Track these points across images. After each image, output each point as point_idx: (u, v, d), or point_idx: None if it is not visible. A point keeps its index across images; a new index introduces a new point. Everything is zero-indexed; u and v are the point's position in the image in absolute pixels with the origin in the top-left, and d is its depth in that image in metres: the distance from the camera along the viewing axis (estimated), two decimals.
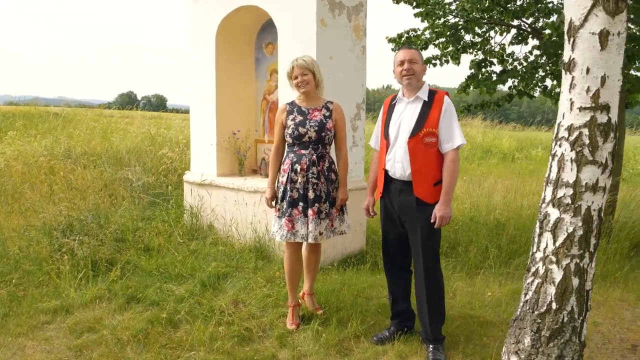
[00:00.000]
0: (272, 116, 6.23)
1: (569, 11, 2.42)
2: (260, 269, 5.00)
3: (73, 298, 4.16)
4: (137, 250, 5.17)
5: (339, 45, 5.28)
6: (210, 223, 5.98)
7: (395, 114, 3.59)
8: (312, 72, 3.83)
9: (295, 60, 3.83)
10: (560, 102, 2.52)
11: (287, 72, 3.86)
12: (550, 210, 2.50)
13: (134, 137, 9.31)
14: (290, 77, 3.86)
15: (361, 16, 5.52)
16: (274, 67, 6.17)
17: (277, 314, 4.09)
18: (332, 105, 3.95)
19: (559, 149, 2.48)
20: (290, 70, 3.83)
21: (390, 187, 3.61)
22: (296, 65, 3.80)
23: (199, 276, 4.66)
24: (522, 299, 2.66)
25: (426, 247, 3.49)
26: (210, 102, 5.99)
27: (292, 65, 3.82)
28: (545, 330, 2.48)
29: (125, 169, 7.93)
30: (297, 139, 3.82)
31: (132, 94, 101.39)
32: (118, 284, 4.42)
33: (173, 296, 4.26)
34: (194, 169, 6.33)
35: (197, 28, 6.03)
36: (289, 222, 3.82)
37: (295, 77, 3.81)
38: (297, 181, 3.82)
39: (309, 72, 3.81)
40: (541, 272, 2.53)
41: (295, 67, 3.80)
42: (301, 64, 3.79)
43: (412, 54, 3.50)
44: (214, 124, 6.00)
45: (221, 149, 6.06)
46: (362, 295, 4.51)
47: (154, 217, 6.25)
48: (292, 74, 3.83)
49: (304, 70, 3.79)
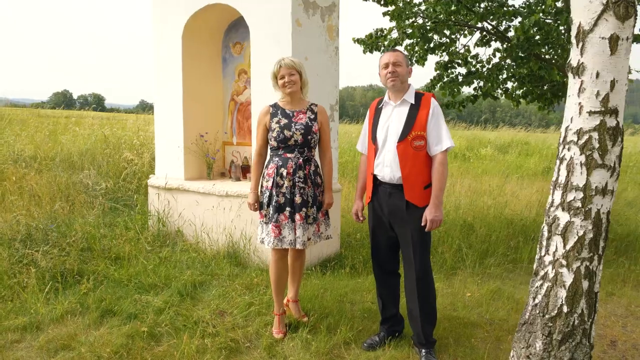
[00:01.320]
0: (240, 118, 6.07)
1: (577, 15, 2.43)
2: (236, 276, 4.85)
3: (42, 314, 3.86)
4: (104, 259, 4.89)
5: (314, 45, 5.19)
6: (178, 229, 5.75)
7: (383, 117, 3.54)
8: (299, 73, 3.73)
9: (282, 59, 3.71)
10: (568, 106, 2.54)
11: (272, 72, 3.73)
12: (560, 213, 2.51)
13: (86, 139, 8.85)
14: (275, 77, 3.73)
15: (334, 16, 5.46)
16: (242, 67, 6.01)
17: (261, 322, 3.96)
18: (316, 108, 3.86)
19: (568, 153, 2.50)
20: (277, 70, 3.70)
21: (379, 191, 3.56)
22: (284, 64, 3.68)
23: (174, 285, 4.46)
24: (529, 302, 2.66)
25: (417, 250, 3.46)
26: (177, 103, 5.76)
27: (280, 64, 3.69)
28: (557, 333, 2.49)
29: (79, 173, 7.54)
30: (282, 142, 3.71)
31: (68, 92, 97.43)
32: (90, 296, 4.16)
33: (150, 308, 4.04)
34: (159, 173, 6.07)
35: (162, 26, 5.78)
36: (275, 228, 3.70)
37: (282, 77, 3.69)
38: (284, 185, 3.71)
39: (296, 73, 3.71)
40: (551, 275, 2.54)
41: (283, 67, 3.68)
42: (289, 64, 3.68)
43: (397, 56, 3.46)
44: (181, 126, 5.78)
45: (189, 152, 5.85)
46: (345, 300, 4.44)
47: (116, 224, 5.96)
48: (278, 73, 3.70)
49: (291, 70, 3.69)
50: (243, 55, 5.98)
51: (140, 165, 7.33)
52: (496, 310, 4.40)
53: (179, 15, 5.61)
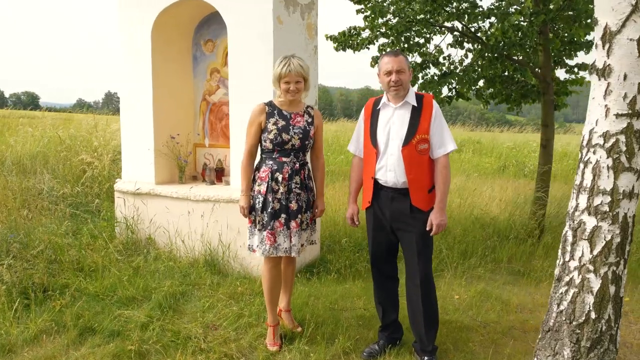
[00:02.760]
0: (213, 118, 5.82)
1: (603, 16, 2.39)
2: (218, 285, 4.62)
3: (14, 335, 3.51)
4: (74, 271, 4.55)
5: (294, 44, 5.02)
6: (149, 236, 5.44)
7: (382, 120, 3.42)
8: (305, 80, 3.52)
9: (290, 61, 3.43)
10: (591, 109, 2.49)
11: (277, 72, 3.45)
12: (586, 218, 2.47)
13: (37, 141, 8.29)
14: (278, 77, 3.46)
15: (313, 14, 5.31)
16: (214, 66, 5.76)
17: (254, 334, 3.77)
18: (313, 111, 3.70)
19: (593, 156, 2.46)
20: (284, 73, 3.41)
21: (380, 195, 3.45)
22: (293, 70, 3.39)
23: (155, 298, 4.19)
24: (554, 309, 2.60)
25: (421, 255, 3.38)
26: (147, 103, 5.45)
27: (289, 69, 3.39)
28: (585, 340, 2.45)
29: (31, 178, 7.04)
30: (278, 145, 3.52)
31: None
32: (65, 313, 3.83)
33: (133, 323, 3.76)
34: (126, 177, 5.72)
35: (130, 21, 5.45)
36: (271, 236, 3.51)
37: (287, 82, 3.44)
38: (279, 191, 3.53)
39: (302, 80, 3.49)
40: (577, 281, 2.50)
41: (292, 73, 3.40)
42: (298, 70, 3.41)
43: (400, 62, 3.33)
44: (151, 127, 5.46)
45: (159, 155, 5.54)
46: (336, 307, 4.30)
47: (79, 232, 5.58)
48: (283, 77, 3.43)
49: (298, 77, 3.44)
50: (215, 54, 5.73)
51: (101, 168, 6.91)
52: (487, 312, 4.38)
53: (149, 10, 5.30)
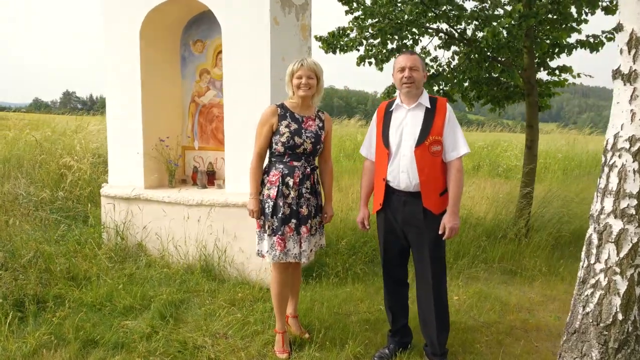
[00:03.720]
0: (203, 121, 5.69)
1: (629, 22, 2.43)
2: (216, 291, 4.52)
3: (12, 350, 3.33)
4: (66, 281, 4.37)
5: (290, 45, 4.96)
6: (140, 242, 5.28)
7: (395, 121, 3.41)
8: (318, 79, 3.49)
9: (304, 59, 3.46)
10: (616, 113, 2.53)
11: (290, 69, 3.45)
12: (612, 221, 2.50)
13: (10, 144, 7.94)
14: (292, 74, 3.45)
15: (307, 15, 5.26)
16: (204, 67, 5.64)
17: (261, 342, 3.69)
18: (323, 116, 3.66)
19: (619, 160, 2.49)
20: (297, 68, 3.42)
21: (392, 198, 3.42)
22: (306, 65, 3.42)
23: (154, 306, 4.06)
24: (579, 311, 2.63)
25: (434, 260, 3.37)
26: (136, 105, 5.29)
27: (301, 63, 3.42)
28: (613, 342, 2.48)
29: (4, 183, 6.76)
30: (290, 149, 3.45)
31: None
32: (63, 325, 3.67)
33: (136, 334, 3.64)
34: (113, 182, 5.55)
35: (117, 20, 5.28)
36: (281, 241, 3.45)
37: (300, 77, 3.42)
38: (289, 196, 3.47)
39: (315, 77, 3.47)
40: (603, 283, 2.53)
41: (305, 67, 3.41)
42: (311, 66, 3.43)
43: (414, 60, 3.34)
44: (140, 130, 5.31)
45: (149, 158, 5.39)
46: (340, 312, 4.27)
47: (62, 239, 5.37)
48: (296, 72, 3.42)
49: (311, 73, 3.43)
50: (205, 54, 5.61)
51: (82, 172, 6.68)
52: (487, 312, 4.42)
53: (137, 9, 5.15)
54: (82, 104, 73.97)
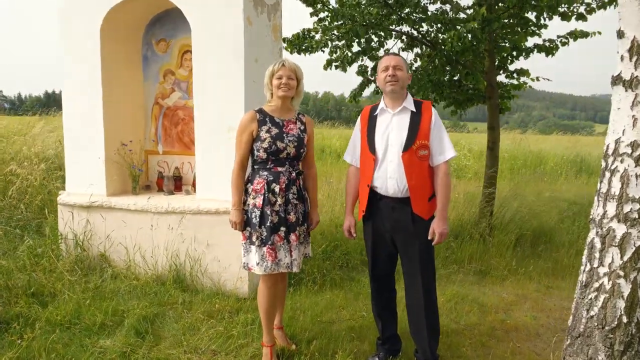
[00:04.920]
0: (167, 124, 5.44)
1: (631, 29, 2.47)
2: (192, 303, 4.31)
3: None
4: (27, 298, 4.05)
5: (262, 46, 4.80)
6: (102, 253, 4.98)
7: (380, 126, 3.35)
8: (298, 81, 3.40)
9: (285, 60, 3.38)
10: (616, 118, 2.57)
11: (270, 70, 3.35)
12: (615, 225, 2.54)
13: None
14: (271, 75, 3.36)
15: (278, 16, 5.11)
16: (168, 68, 5.39)
17: (247, 356, 3.54)
18: (304, 118, 3.55)
19: (621, 165, 2.53)
20: (277, 68, 3.33)
21: (379, 205, 3.35)
22: (287, 65, 3.34)
23: (128, 322, 3.82)
24: (583, 315, 2.66)
25: (425, 266, 3.33)
26: (96, 108, 4.98)
27: (282, 63, 3.34)
28: (618, 344, 2.52)
29: None
30: (273, 154, 3.33)
31: None
32: (31, 348, 3.37)
33: (113, 354, 3.40)
34: (71, 189, 5.20)
35: (75, 16, 4.95)
36: (272, 251, 3.31)
37: (280, 77, 3.33)
38: (276, 203, 3.34)
39: (295, 79, 3.37)
40: (607, 287, 2.56)
41: (286, 67, 3.33)
42: (292, 67, 3.35)
43: (398, 60, 3.31)
44: (102, 134, 5.00)
45: (111, 164, 5.09)
46: (323, 320, 4.17)
47: (16, 251, 4.99)
48: (276, 72, 3.33)
49: (292, 73, 3.35)
50: (170, 54, 5.36)
51: (32, 179, 6.24)
52: (467, 315, 4.44)
53: (99, 4, 4.85)
54: (11, 104, 70.01)
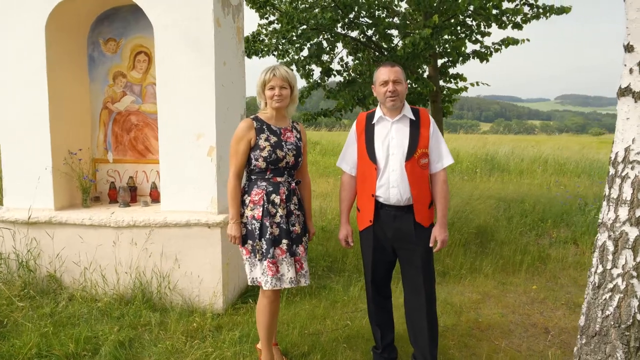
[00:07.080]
0: (118, 130, 5.04)
1: (638, 41, 2.62)
2: (166, 323, 4.03)
3: None
4: None
5: (229, 49, 4.59)
6: (51, 274, 4.51)
7: (379, 134, 3.32)
8: (291, 87, 3.25)
9: (275, 67, 3.20)
10: (625, 128, 2.71)
11: (261, 79, 3.19)
12: (628, 229, 2.68)
13: None
14: (262, 84, 3.20)
15: (241, 17, 4.91)
16: (118, 70, 5.00)
17: None
18: (299, 126, 3.44)
19: (632, 172, 2.68)
20: (269, 78, 3.17)
21: (380, 214, 3.33)
22: (278, 74, 3.17)
23: (104, 350, 3.49)
24: (598, 315, 2.78)
25: (427, 273, 3.35)
26: (41, 114, 4.50)
27: (272, 73, 3.17)
28: (633, 341, 2.67)
29: None
30: (273, 163, 3.18)
31: None
32: None
33: None
34: (10, 204, 4.66)
35: (16, 14, 4.43)
36: (272, 265, 3.16)
37: (272, 87, 3.17)
38: (277, 214, 3.20)
39: (288, 87, 3.23)
40: (622, 287, 2.70)
41: (277, 77, 3.16)
42: (283, 75, 3.18)
43: (397, 73, 3.27)
44: (48, 142, 4.53)
45: (59, 174, 4.63)
46: (310, 332, 4.06)
47: None
48: (268, 82, 3.18)
49: (284, 82, 3.20)
50: (120, 55, 4.97)
51: None
52: (442, 316, 4.52)
53: (42, 2, 4.38)
54: None
